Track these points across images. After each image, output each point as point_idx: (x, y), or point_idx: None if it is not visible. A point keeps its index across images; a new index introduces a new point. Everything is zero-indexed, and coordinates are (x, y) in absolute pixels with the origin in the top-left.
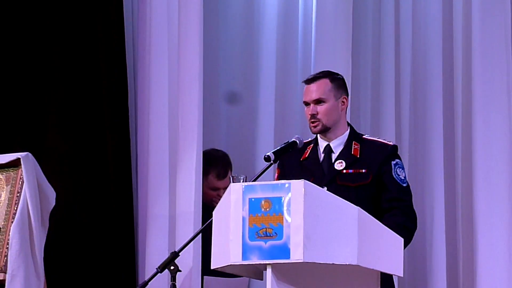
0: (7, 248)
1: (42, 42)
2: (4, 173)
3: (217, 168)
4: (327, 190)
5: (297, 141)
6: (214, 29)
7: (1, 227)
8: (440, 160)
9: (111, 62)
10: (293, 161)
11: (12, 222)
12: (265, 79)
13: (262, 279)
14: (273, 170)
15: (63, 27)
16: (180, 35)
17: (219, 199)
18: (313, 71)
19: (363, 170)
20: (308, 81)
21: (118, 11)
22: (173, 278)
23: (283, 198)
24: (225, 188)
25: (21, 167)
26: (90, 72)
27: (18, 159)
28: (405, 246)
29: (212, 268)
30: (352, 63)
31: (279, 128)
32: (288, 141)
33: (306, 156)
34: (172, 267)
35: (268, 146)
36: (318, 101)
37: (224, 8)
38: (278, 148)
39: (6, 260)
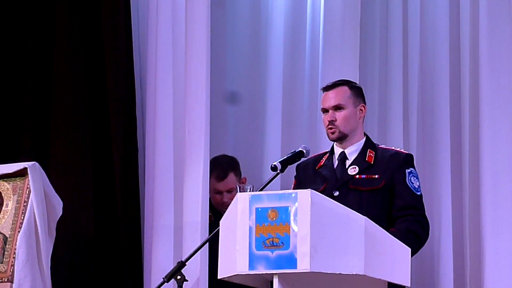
0: (14, 257)
1: (49, 51)
2: (11, 183)
3: (216, 170)
4: (339, 194)
5: (304, 151)
6: (221, 39)
7: (8, 236)
8: (448, 169)
9: (118, 73)
10: (309, 171)
11: (19, 231)
12: (272, 93)
13: None
14: (279, 179)
15: (70, 37)
16: (187, 43)
17: (227, 205)
18: (320, 78)
19: (376, 176)
20: (327, 88)
21: (126, 17)
22: None
23: (289, 207)
24: (228, 191)
25: (28, 177)
26: (97, 81)
27: (25, 169)
28: (414, 253)
29: (219, 277)
30: (359, 70)
31: (286, 137)
32: (295, 151)
33: (322, 164)
34: (178, 277)
35: (275, 155)
36: (337, 108)
37: (232, 12)
38: (285, 157)
39: (13, 270)
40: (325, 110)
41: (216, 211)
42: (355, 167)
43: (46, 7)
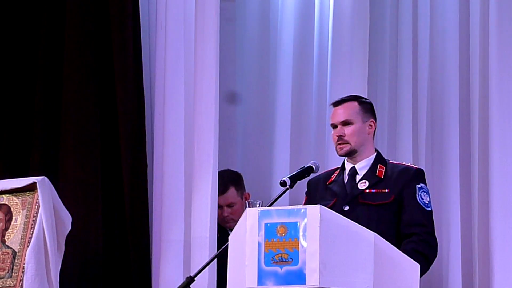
0: (22, 272)
1: (59, 66)
2: (20, 197)
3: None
4: (349, 209)
5: (313, 166)
6: (231, 53)
7: (17, 251)
8: (457, 183)
9: (128, 89)
10: (320, 187)
11: (28, 246)
12: (281, 109)
13: None
14: (288, 195)
15: (80, 52)
16: (196, 59)
17: (227, 220)
18: (329, 93)
19: (386, 190)
20: (336, 104)
21: (135, 33)
22: None
23: (298, 223)
24: (228, 206)
25: (37, 191)
26: (106, 96)
27: (34, 183)
28: (422, 273)
29: None
30: (368, 84)
31: (295, 153)
32: (304, 166)
33: (332, 180)
34: None
35: (284, 171)
36: (346, 123)
37: (241, 27)
38: (294, 173)
39: (22, 284)
40: (334, 126)
41: (218, 226)
42: (365, 182)
43: (55, 21)
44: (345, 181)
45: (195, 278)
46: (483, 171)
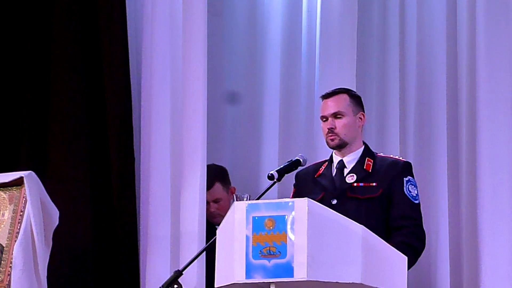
0: (10, 267)
1: (47, 61)
2: (8, 192)
3: None
4: (337, 203)
5: (301, 159)
6: (218, 48)
7: (5, 246)
8: (444, 176)
9: (115, 83)
10: (308, 180)
11: (15, 241)
12: (269, 103)
13: None
14: (277, 188)
15: (68, 47)
16: (184, 54)
17: (214, 215)
18: (317, 86)
19: (374, 184)
20: (327, 96)
21: (122, 17)
22: None
23: (286, 216)
24: (214, 201)
25: (24, 186)
26: (94, 91)
27: (22, 178)
28: (411, 265)
29: (215, 286)
30: (356, 78)
31: (283, 146)
32: (291, 160)
33: (320, 173)
34: (175, 286)
35: (272, 164)
36: (336, 115)
37: (229, 21)
38: (281, 166)
39: (10, 279)
40: (324, 118)
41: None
42: (353, 175)
43: (43, 19)
44: (333, 174)
45: (183, 272)
46: (470, 163)
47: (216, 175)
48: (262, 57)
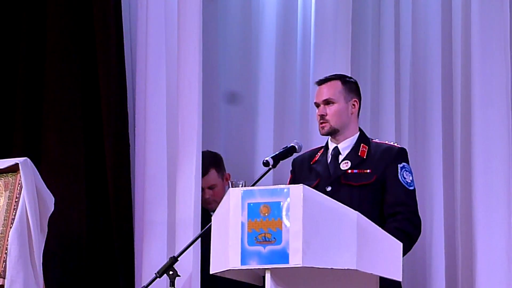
0: (6, 253)
1: (41, 48)
2: (3, 179)
3: None
4: (331, 190)
5: (296, 146)
6: (213, 34)
7: (0, 232)
8: (439, 163)
9: (110, 70)
10: (304, 166)
11: (10, 227)
12: (264, 89)
13: (261, 284)
14: (272, 175)
15: (62, 33)
16: (180, 38)
17: (209, 201)
18: (312, 73)
19: (368, 170)
20: (320, 82)
21: (116, 13)
22: (172, 283)
23: (281, 203)
24: (209, 188)
25: (19, 173)
26: (89, 77)
27: (17, 164)
28: (405, 252)
29: (211, 273)
30: (351, 65)
31: (279, 133)
32: (286, 146)
33: (316, 159)
34: (171, 272)
35: (267, 151)
36: (327, 102)
37: (223, 7)
38: (277, 153)
39: (5, 266)
40: (317, 105)
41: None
42: (347, 162)
43: (38, 5)
44: (328, 161)
45: (179, 258)
46: (465, 148)
47: (211, 161)
48: (256, 42)
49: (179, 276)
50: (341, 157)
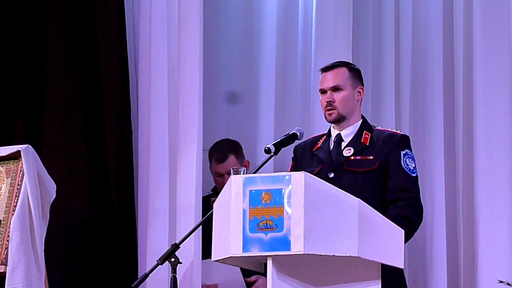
0: (7, 240)
1: (43, 36)
2: (5, 166)
3: (216, 152)
4: (334, 176)
5: (297, 133)
6: (214, 29)
7: (2, 219)
8: (441, 149)
9: (112, 57)
10: (306, 153)
11: (12, 214)
12: (265, 76)
13: (263, 271)
14: (273, 162)
15: (63, 21)
16: (180, 34)
17: None
18: (313, 61)
19: (371, 157)
20: (326, 69)
21: (119, 12)
22: (174, 270)
23: (283, 190)
24: (229, 174)
25: (21, 160)
26: (90, 65)
27: (19, 152)
28: (407, 239)
29: (212, 260)
30: (352, 52)
31: (280, 120)
32: (288, 133)
33: (318, 146)
34: (172, 259)
35: (268, 138)
36: (335, 89)
37: (224, 7)
38: (278, 140)
39: (7, 253)
40: (323, 91)
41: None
42: (350, 149)
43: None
44: (331, 148)
45: (180, 245)
46: (467, 135)
47: (230, 148)
48: (258, 29)
49: (180, 263)
50: (343, 144)
